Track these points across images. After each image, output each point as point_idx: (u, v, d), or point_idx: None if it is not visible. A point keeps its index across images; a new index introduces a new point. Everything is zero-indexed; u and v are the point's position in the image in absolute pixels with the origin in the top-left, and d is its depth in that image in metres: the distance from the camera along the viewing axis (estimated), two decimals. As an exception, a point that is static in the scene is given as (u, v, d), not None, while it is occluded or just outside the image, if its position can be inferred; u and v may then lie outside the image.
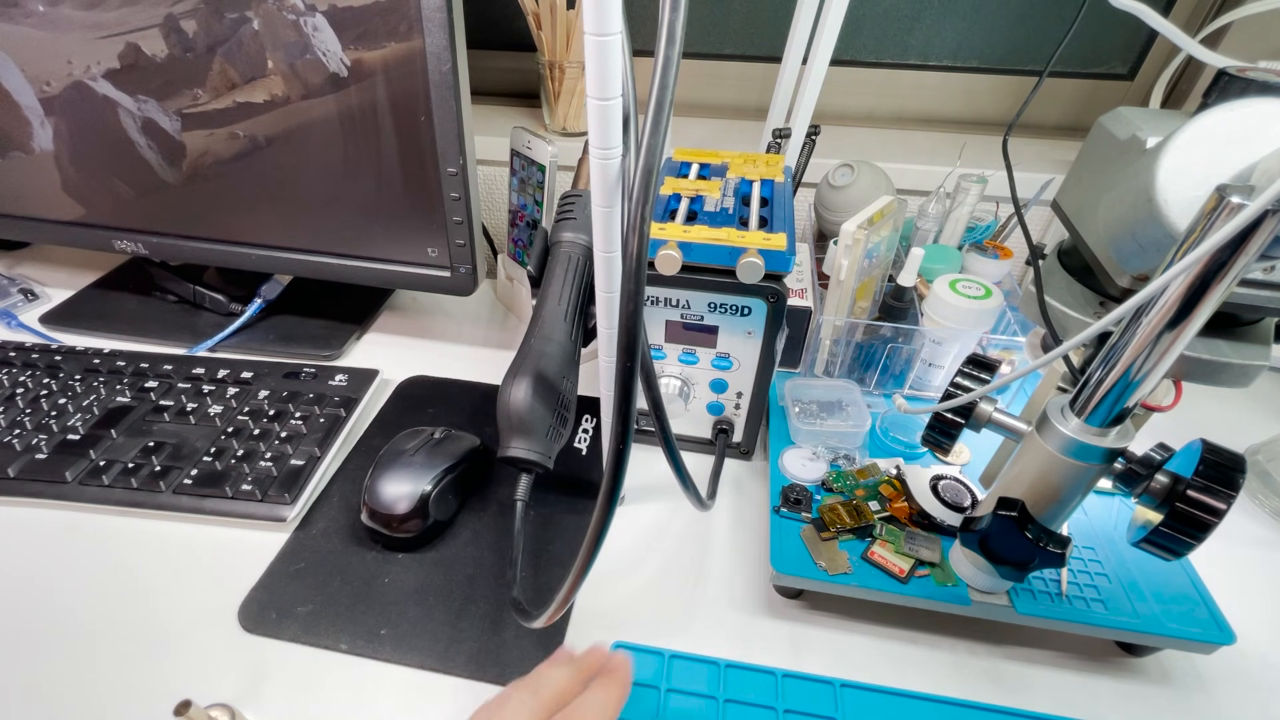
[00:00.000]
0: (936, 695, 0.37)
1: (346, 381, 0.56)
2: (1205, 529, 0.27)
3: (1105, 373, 0.28)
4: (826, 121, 0.70)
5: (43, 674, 0.38)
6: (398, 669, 0.38)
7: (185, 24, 0.50)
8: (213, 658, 0.39)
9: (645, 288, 0.28)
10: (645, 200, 0.25)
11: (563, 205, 0.48)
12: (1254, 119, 0.26)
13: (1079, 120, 0.79)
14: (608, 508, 0.27)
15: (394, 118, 0.50)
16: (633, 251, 0.25)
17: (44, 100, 0.56)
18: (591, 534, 0.28)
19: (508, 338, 0.66)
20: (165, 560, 0.44)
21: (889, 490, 0.43)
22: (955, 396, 0.33)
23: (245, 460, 0.48)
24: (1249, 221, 0.21)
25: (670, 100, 0.24)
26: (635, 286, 0.26)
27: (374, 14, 0.46)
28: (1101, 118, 0.36)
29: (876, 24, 0.77)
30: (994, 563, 0.34)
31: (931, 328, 0.51)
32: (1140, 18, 0.36)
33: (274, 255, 0.60)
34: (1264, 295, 0.30)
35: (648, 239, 0.26)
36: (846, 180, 0.59)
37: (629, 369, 0.26)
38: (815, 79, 0.54)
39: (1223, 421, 0.56)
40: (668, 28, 0.23)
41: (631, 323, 0.26)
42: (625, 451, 0.27)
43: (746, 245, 0.40)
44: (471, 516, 0.47)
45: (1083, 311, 0.35)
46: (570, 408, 0.44)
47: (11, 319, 0.66)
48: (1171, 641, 0.37)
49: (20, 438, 0.50)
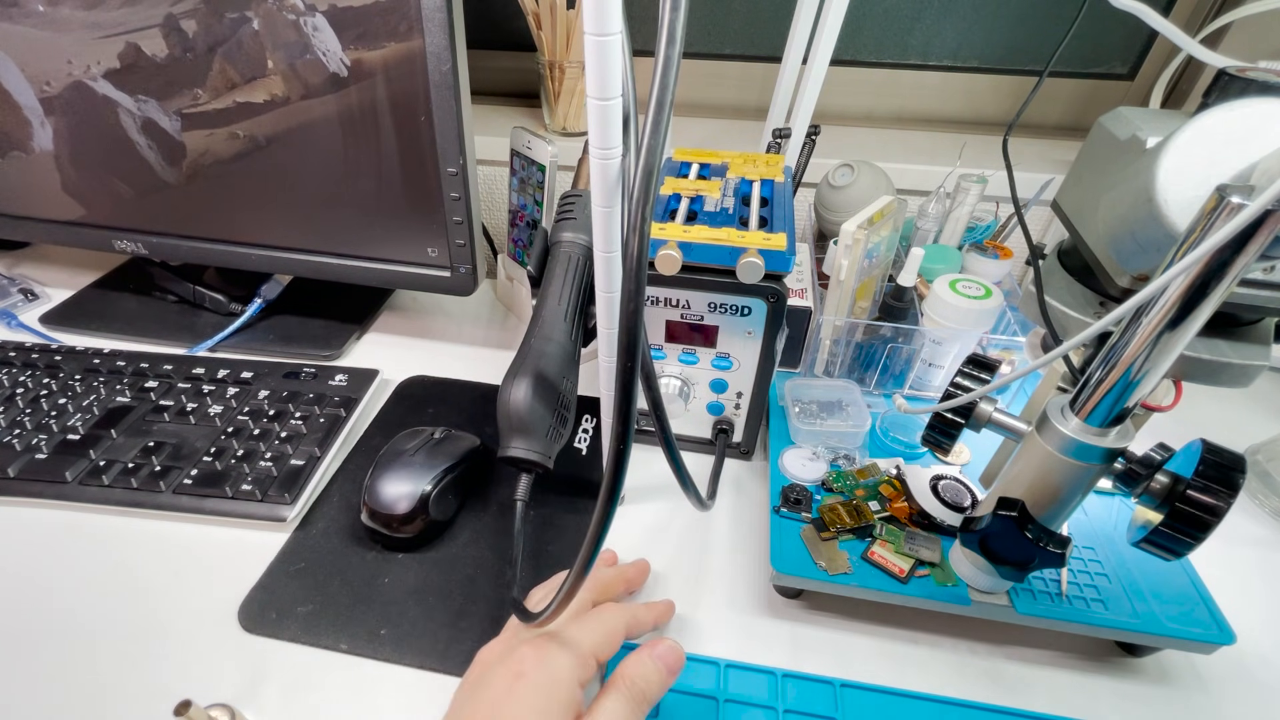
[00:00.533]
0: (936, 695, 0.37)
1: (346, 381, 0.56)
2: (1205, 529, 0.27)
3: (1105, 373, 0.28)
4: (826, 121, 0.70)
5: (43, 674, 0.38)
6: (398, 669, 0.38)
7: (185, 24, 0.50)
8: (213, 658, 0.39)
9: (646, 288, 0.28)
10: (646, 200, 0.25)
11: (563, 205, 0.48)
12: (1254, 119, 0.26)
13: (1079, 120, 0.79)
14: (608, 508, 0.27)
15: (394, 118, 0.50)
16: (633, 252, 0.25)
17: (44, 100, 0.56)
18: (591, 534, 0.28)
19: (508, 338, 0.66)
20: (165, 560, 0.44)
21: (889, 490, 0.43)
22: (955, 396, 0.33)
23: (245, 460, 0.48)
24: (1249, 221, 0.21)
25: (671, 100, 0.24)
26: (636, 286, 0.26)
27: (374, 14, 0.46)
28: (1101, 118, 0.36)
29: (876, 24, 0.77)
30: (994, 563, 0.34)
31: (931, 328, 0.51)
32: (1140, 18, 0.36)
33: (274, 255, 0.60)
34: (1264, 295, 0.30)
35: (648, 239, 0.26)
36: (846, 180, 0.59)
37: (629, 369, 0.26)
38: (815, 79, 0.54)
39: (1223, 421, 0.56)
40: (668, 28, 0.23)
41: (632, 323, 0.26)
42: (626, 451, 0.27)
43: (746, 245, 0.40)
44: (471, 516, 0.47)
45: (1083, 311, 0.35)
46: (570, 408, 0.44)
47: (11, 319, 0.66)
48: (1171, 641, 0.37)
49: (20, 438, 0.50)
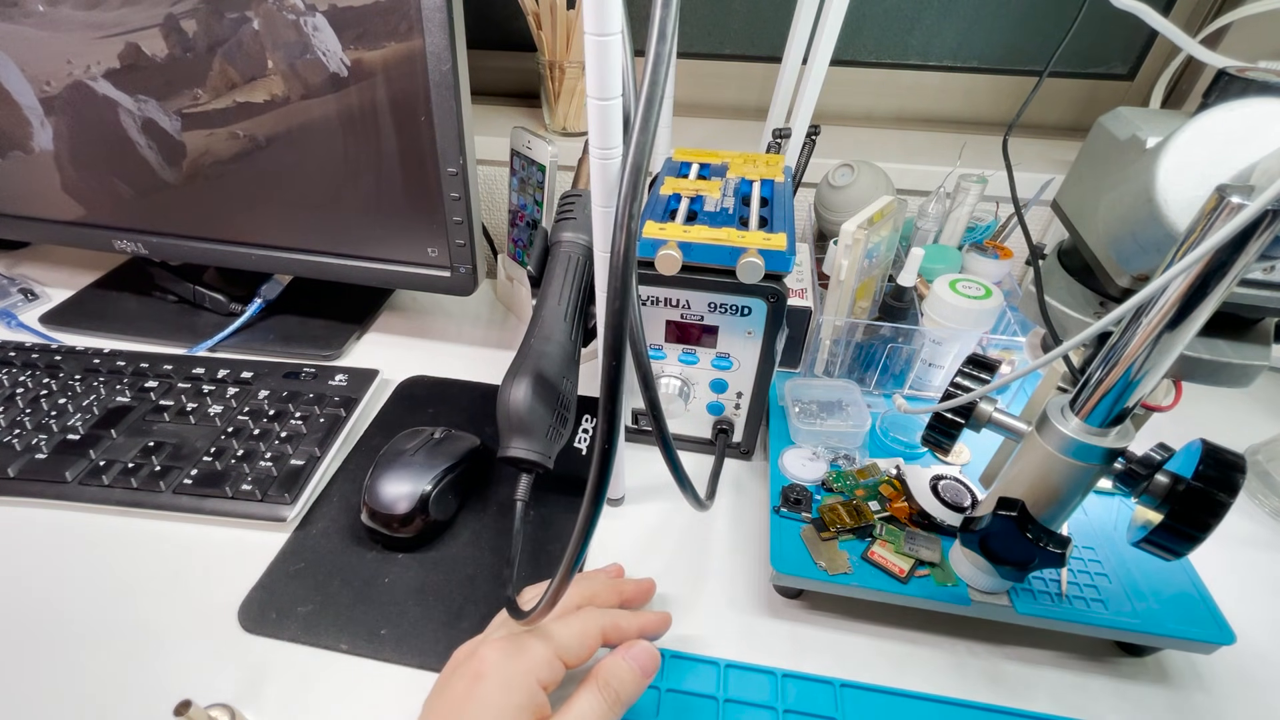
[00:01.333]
0: (936, 695, 0.37)
1: (346, 381, 0.56)
2: (1205, 529, 0.27)
3: (1105, 373, 0.28)
4: (826, 121, 0.70)
5: (42, 674, 0.38)
6: (398, 669, 0.38)
7: (185, 24, 0.50)
8: (213, 658, 0.39)
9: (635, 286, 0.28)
10: (634, 197, 0.25)
11: (563, 205, 0.48)
12: (1254, 119, 0.26)
13: (1079, 120, 0.79)
14: (593, 507, 0.27)
15: (394, 118, 0.50)
16: (620, 249, 0.25)
17: (44, 100, 0.56)
18: (577, 534, 0.28)
19: (508, 338, 0.66)
20: (165, 560, 0.44)
21: (889, 490, 0.43)
22: (955, 396, 0.33)
23: (245, 460, 0.48)
24: (1249, 221, 0.21)
25: (661, 97, 0.24)
26: (622, 285, 0.25)
27: (374, 14, 0.46)
28: (1101, 118, 0.36)
29: (876, 24, 0.77)
30: (994, 563, 0.34)
31: (931, 328, 0.51)
32: (1140, 18, 0.36)
33: (274, 255, 0.60)
34: (1264, 295, 0.30)
35: (636, 236, 0.25)
36: (846, 180, 0.59)
37: (615, 369, 0.26)
38: (815, 79, 0.54)
39: (1223, 421, 0.56)
40: (659, 24, 0.23)
41: (617, 321, 0.25)
42: (612, 452, 0.27)
43: (746, 245, 0.40)
44: (471, 516, 0.47)
45: (1083, 311, 0.35)
46: (570, 408, 0.44)
47: (11, 319, 0.66)
48: (1171, 641, 0.37)
49: (20, 438, 0.50)
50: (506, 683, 0.30)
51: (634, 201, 0.25)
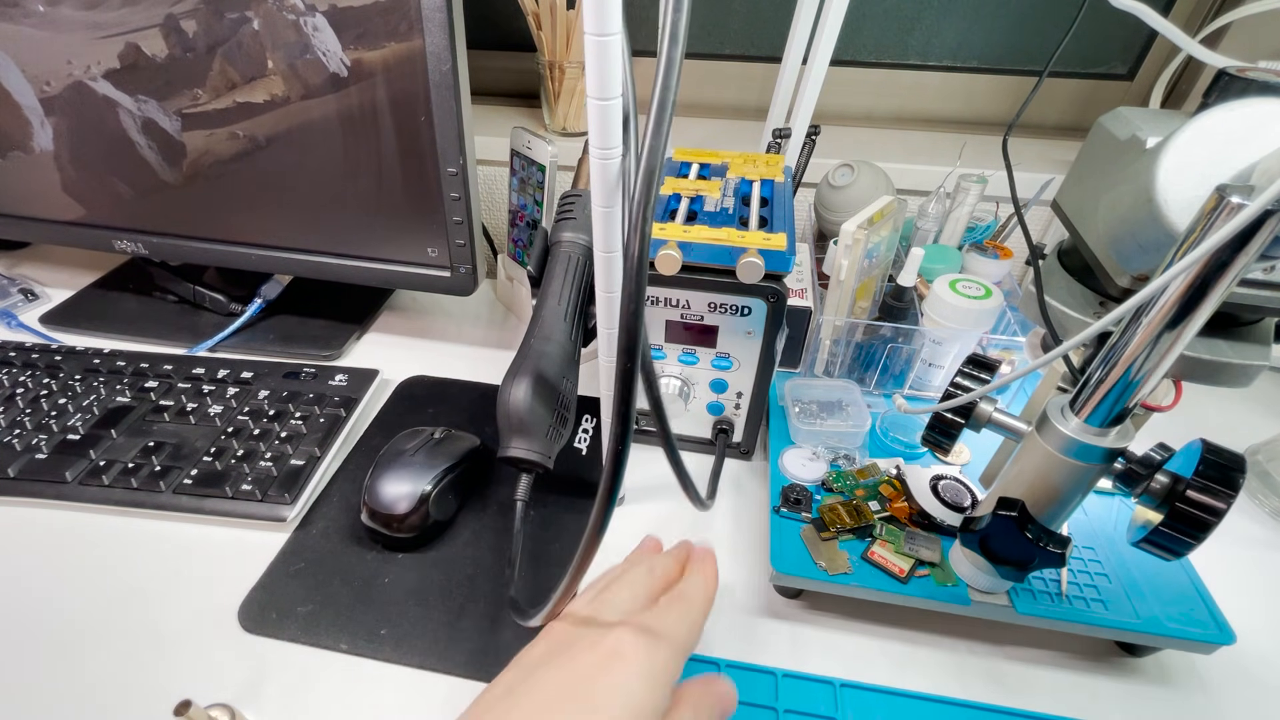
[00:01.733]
0: (936, 695, 0.37)
1: (346, 381, 0.56)
2: (1205, 529, 0.27)
3: (1105, 373, 0.28)
4: (826, 121, 0.70)
5: (42, 674, 0.38)
6: (398, 669, 0.38)
7: (185, 24, 0.50)
8: (213, 658, 0.39)
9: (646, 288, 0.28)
10: (647, 201, 0.25)
11: (563, 205, 0.48)
12: (1254, 119, 0.26)
13: (1079, 120, 0.79)
14: (605, 508, 0.27)
15: (394, 118, 0.50)
16: (634, 253, 0.25)
17: (44, 100, 0.56)
18: (590, 534, 0.28)
19: (508, 338, 0.66)
20: (165, 560, 0.44)
21: (889, 490, 0.43)
22: (955, 396, 0.33)
23: (245, 460, 0.48)
24: (1249, 221, 0.21)
25: (673, 101, 0.24)
26: (637, 288, 0.26)
27: (374, 14, 0.46)
28: (1101, 118, 0.36)
29: (876, 24, 0.77)
30: (994, 563, 0.34)
31: (931, 328, 0.51)
32: (1140, 18, 0.36)
33: (274, 255, 0.60)
34: (1264, 295, 0.30)
35: (649, 240, 0.26)
36: (846, 180, 0.59)
37: (629, 369, 0.26)
38: (815, 79, 0.54)
39: (1223, 421, 0.56)
40: (670, 28, 0.23)
41: (632, 323, 0.26)
42: (624, 452, 0.27)
43: (746, 245, 0.40)
44: (471, 516, 0.47)
45: (1083, 311, 0.35)
46: (570, 408, 0.44)
47: (11, 319, 0.66)
48: (1171, 641, 0.37)
49: (20, 438, 0.50)
50: (651, 676, 0.27)
51: (647, 206, 0.25)
